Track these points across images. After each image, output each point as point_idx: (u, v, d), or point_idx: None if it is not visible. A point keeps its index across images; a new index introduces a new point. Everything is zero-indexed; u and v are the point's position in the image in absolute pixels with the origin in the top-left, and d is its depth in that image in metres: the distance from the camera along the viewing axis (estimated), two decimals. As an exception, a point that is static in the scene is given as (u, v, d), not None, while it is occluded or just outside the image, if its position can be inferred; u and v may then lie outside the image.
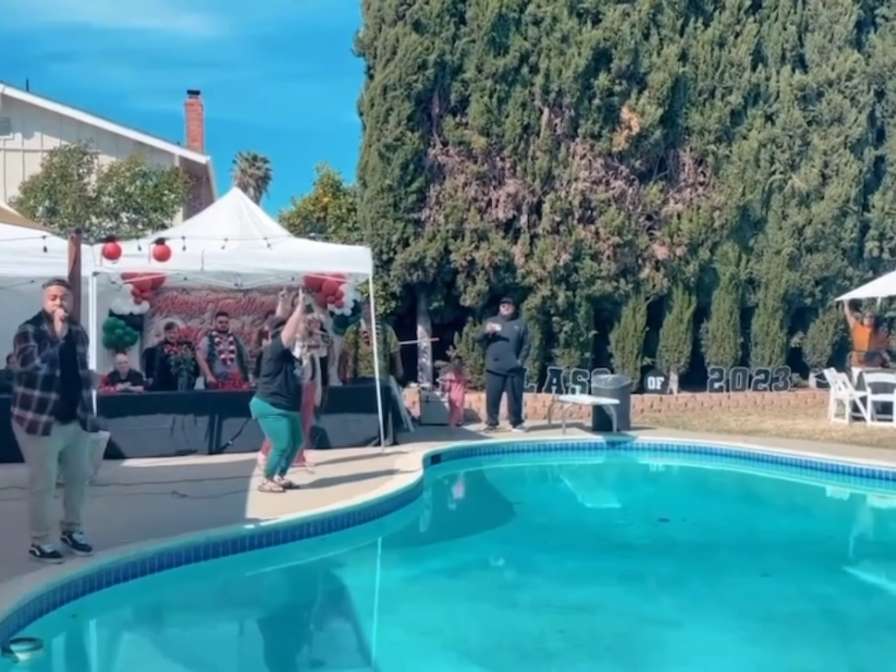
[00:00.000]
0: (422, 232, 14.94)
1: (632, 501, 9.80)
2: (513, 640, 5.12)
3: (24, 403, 5.60)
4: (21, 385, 5.63)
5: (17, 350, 5.61)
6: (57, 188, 14.59)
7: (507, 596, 6.12)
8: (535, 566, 6.84)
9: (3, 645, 4.17)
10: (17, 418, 5.61)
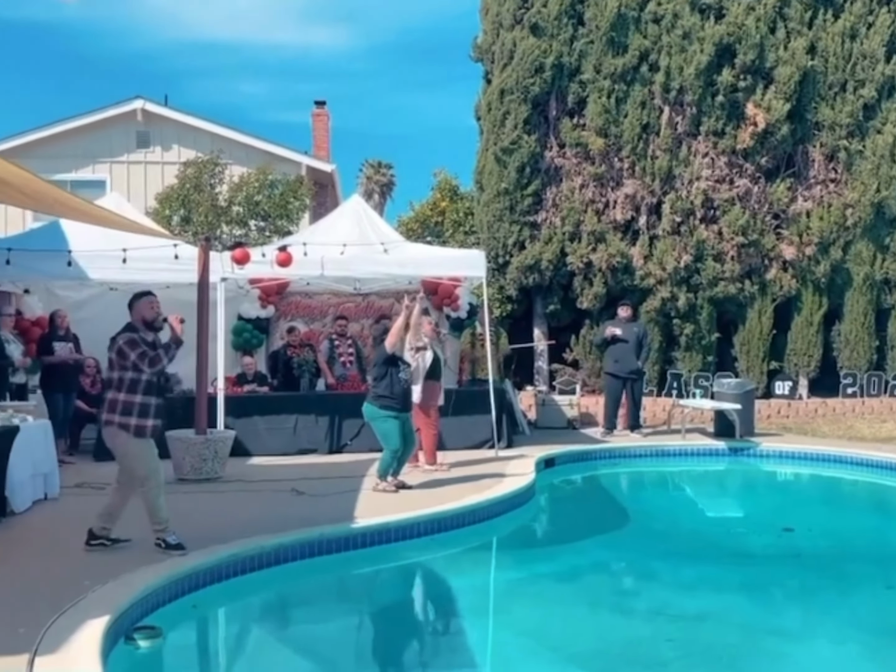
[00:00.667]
0: (538, 235, 14.91)
1: (754, 510, 9.50)
2: (622, 647, 5.07)
3: (126, 410, 5.83)
4: (122, 392, 5.83)
5: (136, 355, 5.82)
6: (190, 198, 15.33)
7: (619, 602, 6.06)
8: (649, 573, 6.75)
9: (126, 633, 4.40)
10: (119, 425, 5.82)
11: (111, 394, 5.89)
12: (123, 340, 5.89)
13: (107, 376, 6.00)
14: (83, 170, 18.73)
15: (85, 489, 8.04)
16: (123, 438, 5.87)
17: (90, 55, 70.98)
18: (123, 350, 5.86)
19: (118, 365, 5.87)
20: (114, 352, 5.88)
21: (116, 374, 5.88)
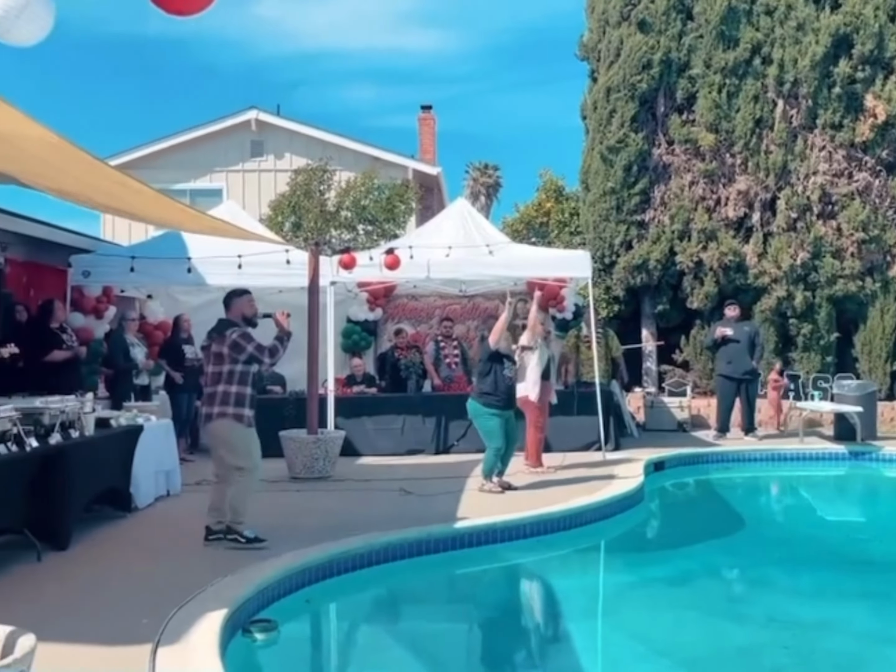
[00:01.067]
0: (645, 234, 14.69)
1: (876, 516, 9.12)
2: (736, 653, 4.94)
3: (239, 401, 6.02)
4: (233, 384, 6.01)
5: (254, 348, 6.02)
6: (301, 205, 15.74)
7: (732, 607, 5.91)
8: (764, 579, 6.56)
9: (243, 626, 4.57)
10: (234, 416, 6.01)
11: (222, 387, 6.02)
12: (237, 334, 6.05)
13: (214, 370, 6.08)
14: (201, 179, 19.46)
15: (204, 486, 8.34)
16: (238, 429, 6.05)
17: (208, 68, 73.73)
18: (239, 343, 6.02)
19: (230, 358, 6.02)
20: (227, 346, 6.02)
21: (227, 368, 6.02)
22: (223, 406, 6.02)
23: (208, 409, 6.10)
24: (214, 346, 6.10)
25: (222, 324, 6.20)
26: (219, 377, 6.05)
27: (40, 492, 5.72)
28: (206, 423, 6.16)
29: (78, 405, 6.46)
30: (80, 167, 5.06)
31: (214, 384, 6.07)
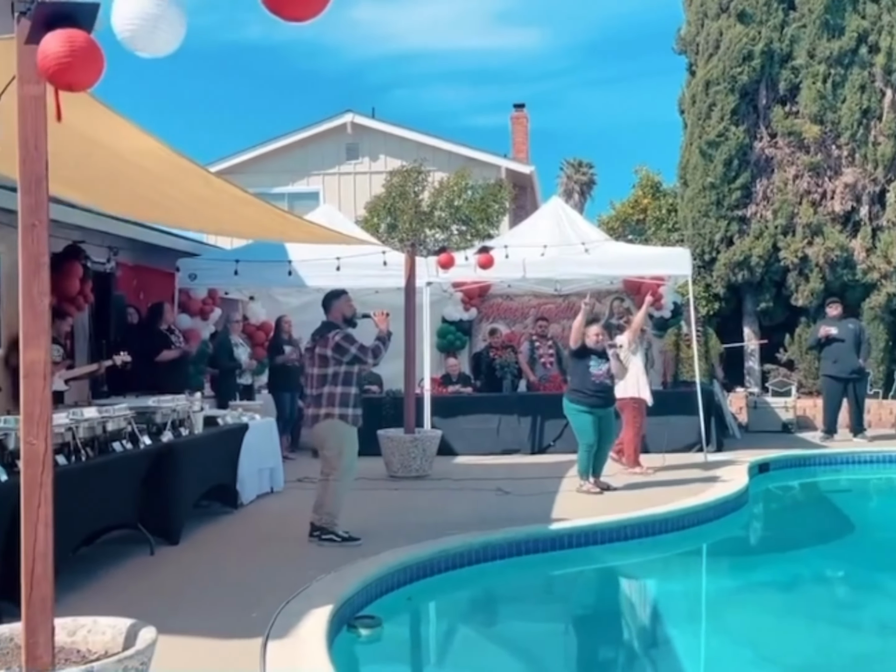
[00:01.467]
0: (747, 229, 14.31)
1: None
2: (847, 661, 4.81)
3: (344, 401, 6.12)
4: (338, 385, 6.11)
5: (357, 349, 6.11)
6: (396, 206, 15.92)
7: (842, 614, 5.74)
8: (875, 585, 6.34)
9: (348, 621, 4.66)
10: (340, 416, 6.11)
11: (328, 388, 6.12)
12: (340, 336, 6.15)
13: (319, 372, 6.17)
14: (299, 182, 19.88)
15: (306, 483, 8.55)
16: (342, 429, 6.16)
17: (305, 73, 75.30)
18: (342, 345, 6.12)
19: (334, 360, 6.12)
20: (330, 348, 6.12)
21: (332, 370, 6.13)
22: (329, 407, 6.13)
23: (315, 410, 6.21)
24: (318, 349, 6.21)
25: (325, 326, 6.30)
26: (324, 379, 6.15)
27: (153, 488, 5.95)
28: (314, 424, 6.27)
29: (188, 404, 6.71)
30: (192, 180, 5.24)
31: (320, 386, 6.17)
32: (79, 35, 2.68)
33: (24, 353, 2.76)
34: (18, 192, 2.76)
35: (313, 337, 6.34)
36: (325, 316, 6.41)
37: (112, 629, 2.93)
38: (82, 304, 8.64)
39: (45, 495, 2.74)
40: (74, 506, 4.72)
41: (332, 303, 6.40)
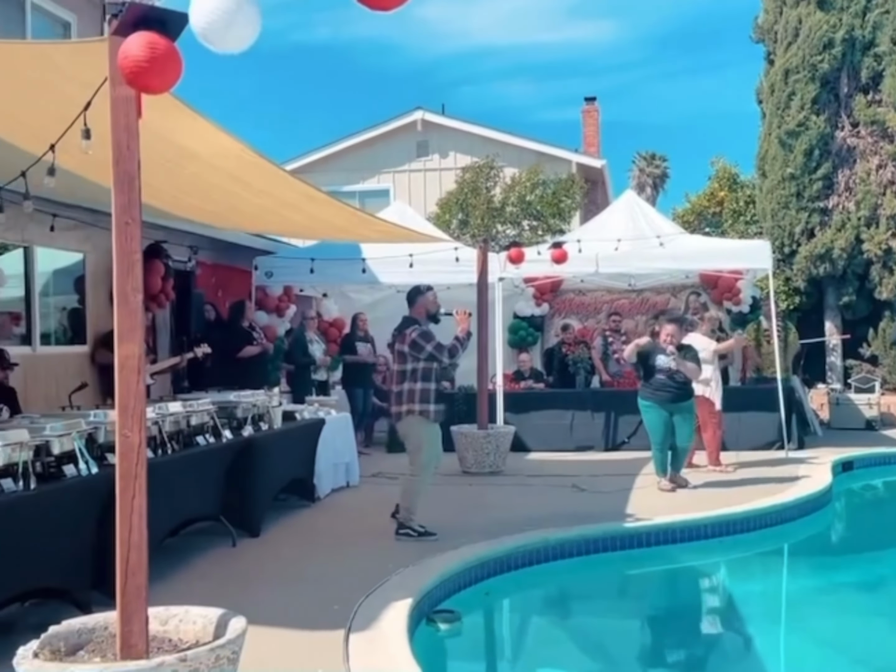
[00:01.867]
0: (829, 221, 13.93)
1: None
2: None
3: (424, 398, 6.14)
4: (417, 381, 6.12)
5: (433, 346, 6.12)
6: (468, 202, 15.92)
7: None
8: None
9: (427, 615, 4.68)
10: (420, 412, 6.13)
11: (407, 384, 6.14)
12: (417, 333, 6.16)
13: (399, 368, 6.22)
14: (369, 180, 20.01)
15: (380, 478, 8.63)
16: (422, 425, 6.19)
17: (375, 72, 75.94)
18: (418, 342, 6.13)
19: (412, 357, 6.15)
20: (407, 345, 6.15)
21: (410, 366, 6.16)
22: (410, 403, 6.15)
23: (397, 407, 6.24)
24: (397, 345, 6.26)
25: (405, 322, 6.33)
26: (403, 375, 6.18)
27: (235, 481, 6.07)
28: (397, 422, 6.32)
29: (267, 399, 6.82)
30: (271, 180, 5.31)
31: (400, 382, 6.21)
32: (160, 41, 2.73)
33: (118, 347, 2.83)
34: (112, 191, 2.83)
35: (394, 333, 6.38)
36: (409, 311, 6.41)
37: (203, 618, 2.99)
38: (164, 301, 8.86)
39: (139, 486, 2.81)
40: (161, 498, 4.82)
41: (417, 298, 6.40)
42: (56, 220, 7.19)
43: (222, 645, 2.74)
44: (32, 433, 4.22)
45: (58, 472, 4.38)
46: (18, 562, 3.93)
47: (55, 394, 7.27)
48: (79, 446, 4.42)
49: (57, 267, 8.12)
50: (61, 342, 8.09)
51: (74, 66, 3.76)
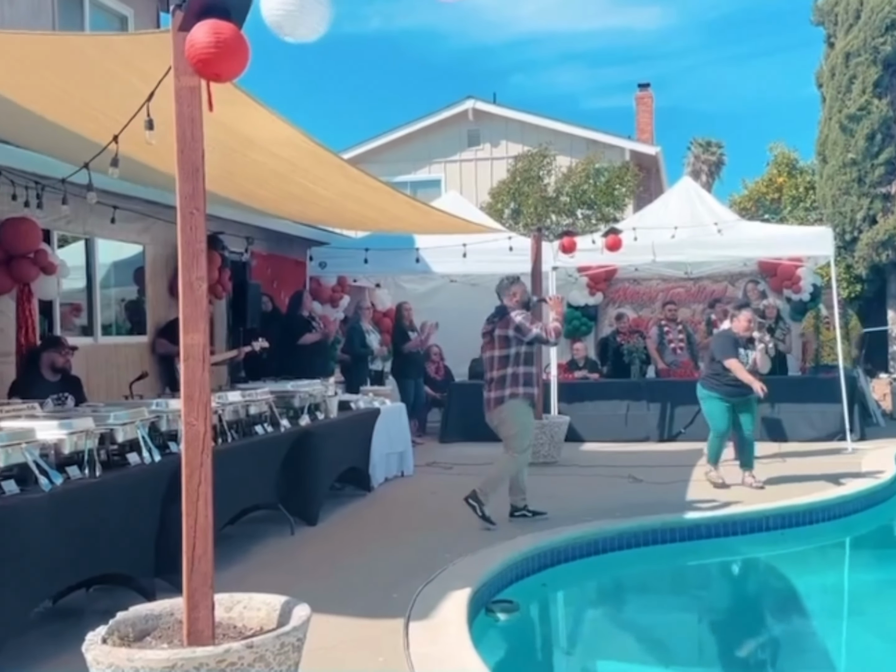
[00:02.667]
0: (891, 207, 13.57)
1: None
2: None
3: (528, 380, 6.26)
4: (520, 365, 6.23)
5: (539, 328, 6.25)
6: (521, 191, 15.83)
7: None
8: None
9: (486, 605, 4.66)
10: (524, 395, 6.23)
11: (511, 368, 6.23)
12: (522, 317, 6.28)
13: (500, 354, 6.28)
14: (421, 171, 20.01)
15: (435, 467, 8.64)
16: (523, 408, 6.30)
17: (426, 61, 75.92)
18: (523, 326, 6.24)
19: (516, 340, 6.24)
20: (511, 329, 6.24)
21: (514, 349, 6.25)
22: (514, 387, 6.24)
23: (499, 392, 6.28)
24: (498, 331, 6.32)
25: (500, 310, 6.43)
26: (506, 360, 6.27)
27: (292, 470, 6.12)
28: (497, 406, 6.32)
29: (323, 389, 6.85)
30: (327, 168, 5.32)
31: (502, 367, 6.27)
32: (225, 27, 2.74)
33: (183, 336, 2.85)
34: (177, 180, 2.85)
35: (490, 320, 6.45)
36: (501, 301, 6.49)
37: (267, 606, 3.01)
38: (221, 292, 8.96)
39: (205, 474, 2.84)
40: (221, 486, 4.85)
41: (511, 288, 6.50)
42: (116, 212, 7.30)
43: (287, 632, 2.76)
44: (97, 421, 4.29)
45: (122, 459, 4.45)
46: (83, 548, 4.01)
47: (116, 383, 7.41)
48: (142, 434, 4.49)
49: (117, 259, 8.26)
50: (121, 333, 8.23)
51: (136, 58, 3.80)
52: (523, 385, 6.23)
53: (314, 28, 2.73)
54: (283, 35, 2.77)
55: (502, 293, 6.48)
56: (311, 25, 2.71)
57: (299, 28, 2.71)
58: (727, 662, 4.89)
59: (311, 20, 2.70)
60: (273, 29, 2.84)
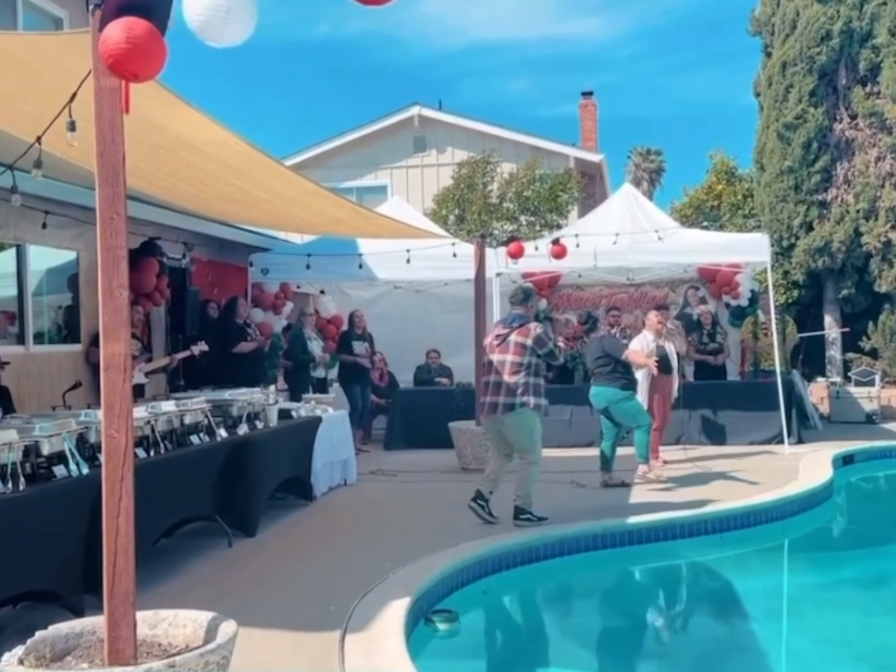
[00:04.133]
0: (827, 214, 13.85)
1: None
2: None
3: (538, 391, 6.37)
4: (531, 375, 6.34)
5: (554, 344, 6.45)
6: (464, 197, 15.83)
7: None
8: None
9: (425, 615, 4.61)
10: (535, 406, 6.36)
11: (523, 377, 6.31)
12: (542, 330, 6.44)
13: (515, 360, 6.31)
14: (367, 176, 19.92)
15: (379, 475, 8.57)
16: (536, 417, 6.45)
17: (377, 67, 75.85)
18: (542, 338, 6.36)
19: (532, 350, 6.34)
20: (531, 338, 6.32)
21: (528, 359, 6.35)
22: (525, 396, 6.32)
23: (509, 398, 6.34)
24: (516, 337, 6.38)
25: (519, 317, 6.51)
26: (520, 367, 6.33)
27: (230, 480, 5.99)
28: (508, 412, 6.37)
29: (263, 397, 6.74)
30: (264, 171, 5.24)
31: (514, 373, 6.33)
32: (138, 24, 2.64)
33: (103, 345, 2.76)
34: (97, 185, 2.76)
35: (508, 324, 6.51)
36: (518, 308, 6.59)
37: (193, 622, 2.93)
38: (158, 299, 8.78)
39: (126, 489, 2.74)
40: (154, 498, 4.77)
41: (531, 298, 6.69)
42: (48, 217, 7.11)
43: (212, 650, 2.68)
44: (22, 433, 4.14)
45: (48, 472, 4.31)
46: (7, 564, 3.86)
47: (49, 393, 7.20)
48: (69, 447, 4.35)
49: (50, 265, 8.05)
50: (55, 341, 8.01)
51: (65, 58, 3.69)
52: (534, 395, 6.34)
53: (237, 34, 2.67)
54: (206, 39, 2.70)
55: (522, 302, 6.59)
56: (234, 31, 2.65)
57: (222, 33, 2.64)
58: (669, 665, 4.90)
59: (234, 26, 2.64)
60: (197, 34, 2.77)
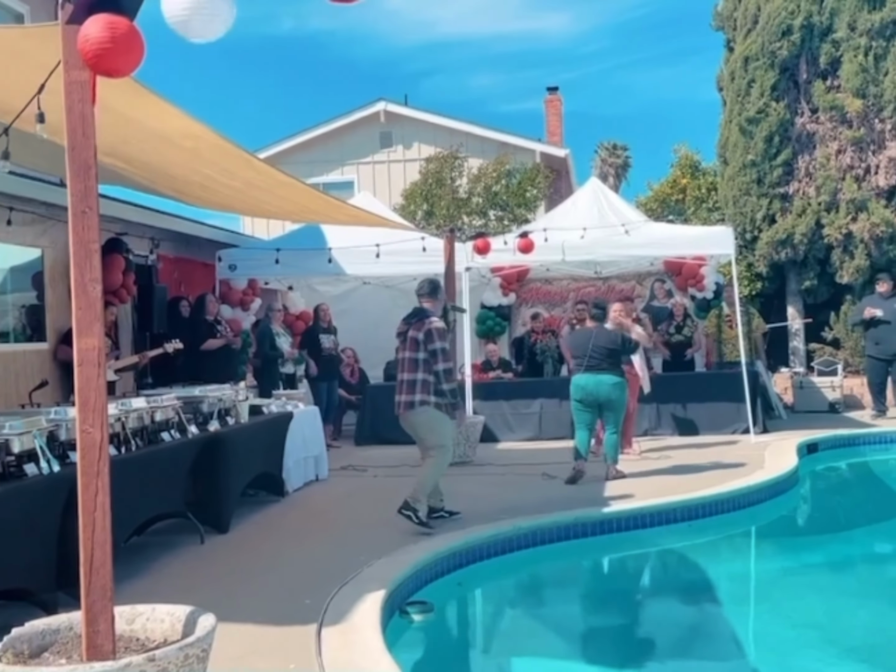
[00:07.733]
0: (789, 207, 14.04)
1: None
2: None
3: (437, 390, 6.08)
4: (430, 371, 6.07)
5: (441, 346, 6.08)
6: (433, 192, 15.85)
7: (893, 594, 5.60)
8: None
9: (400, 607, 4.64)
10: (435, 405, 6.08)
11: (421, 374, 6.06)
12: (436, 327, 6.12)
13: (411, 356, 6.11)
14: (333, 172, 19.85)
15: (349, 471, 8.58)
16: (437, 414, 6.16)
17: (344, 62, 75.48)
18: (433, 334, 6.07)
19: (423, 345, 6.07)
20: (422, 332, 6.07)
21: (422, 355, 6.08)
22: (424, 394, 6.08)
23: (409, 396, 6.12)
24: (412, 332, 6.15)
25: (420, 311, 6.27)
26: (415, 364, 6.10)
27: (201, 477, 5.98)
28: (408, 409, 6.15)
29: (233, 393, 6.72)
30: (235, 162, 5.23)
31: (413, 371, 6.11)
32: (120, 21, 2.66)
33: (77, 340, 2.75)
34: (68, 178, 2.74)
35: (407, 320, 6.28)
36: (424, 302, 6.33)
37: (171, 617, 2.93)
38: (125, 296, 8.71)
39: (102, 483, 2.74)
40: (125, 495, 4.73)
41: (438, 292, 6.39)
42: (12, 213, 7.03)
43: (191, 643, 2.68)
44: (-9, 432, 4.11)
45: (18, 471, 4.27)
46: (-21, 564, 3.83)
47: (15, 392, 7.12)
48: (40, 444, 4.32)
49: (14, 263, 7.94)
50: (20, 340, 7.92)
51: (31, 49, 3.65)
52: (434, 394, 6.08)
53: (216, 29, 2.67)
54: (186, 35, 2.70)
55: (429, 296, 6.34)
56: (213, 26, 2.66)
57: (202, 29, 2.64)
58: (642, 652, 4.96)
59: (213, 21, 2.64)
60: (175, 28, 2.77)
